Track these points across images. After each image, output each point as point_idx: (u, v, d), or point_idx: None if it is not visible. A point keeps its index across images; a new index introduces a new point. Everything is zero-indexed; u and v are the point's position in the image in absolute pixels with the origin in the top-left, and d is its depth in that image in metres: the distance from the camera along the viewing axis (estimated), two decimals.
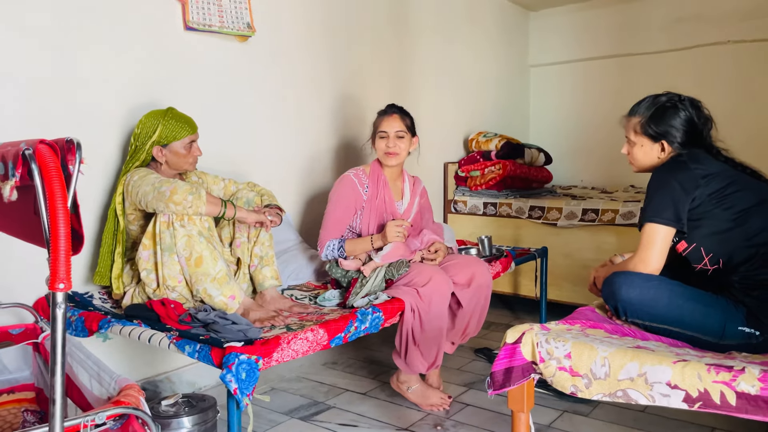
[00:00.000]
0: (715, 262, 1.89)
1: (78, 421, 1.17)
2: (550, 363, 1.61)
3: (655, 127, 1.99)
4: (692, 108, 1.99)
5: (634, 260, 1.92)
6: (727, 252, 1.86)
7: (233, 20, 2.76)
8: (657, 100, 2.02)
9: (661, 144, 2.00)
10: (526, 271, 3.80)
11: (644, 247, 1.90)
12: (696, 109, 1.99)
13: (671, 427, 2.31)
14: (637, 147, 2.06)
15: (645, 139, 2.03)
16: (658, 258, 1.89)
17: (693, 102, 2.00)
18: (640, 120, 2.03)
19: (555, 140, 5.05)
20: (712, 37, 4.35)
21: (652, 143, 2.02)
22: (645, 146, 2.03)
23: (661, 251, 1.89)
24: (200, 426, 1.96)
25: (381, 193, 2.64)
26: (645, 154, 2.05)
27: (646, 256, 1.89)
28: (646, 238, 1.90)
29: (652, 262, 1.89)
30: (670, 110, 1.99)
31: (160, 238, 2.11)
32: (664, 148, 2.00)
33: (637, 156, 2.07)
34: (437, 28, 4.13)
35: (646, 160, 2.06)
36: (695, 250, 1.92)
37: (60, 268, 0.96)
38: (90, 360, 1.59)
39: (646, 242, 1.90)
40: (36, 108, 2.19)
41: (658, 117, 1.99)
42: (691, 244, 1.92)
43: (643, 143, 2.03)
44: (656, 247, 1.88)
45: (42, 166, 0.99)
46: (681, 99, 2.00)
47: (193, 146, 2.33)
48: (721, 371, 1.38)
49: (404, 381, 2.50)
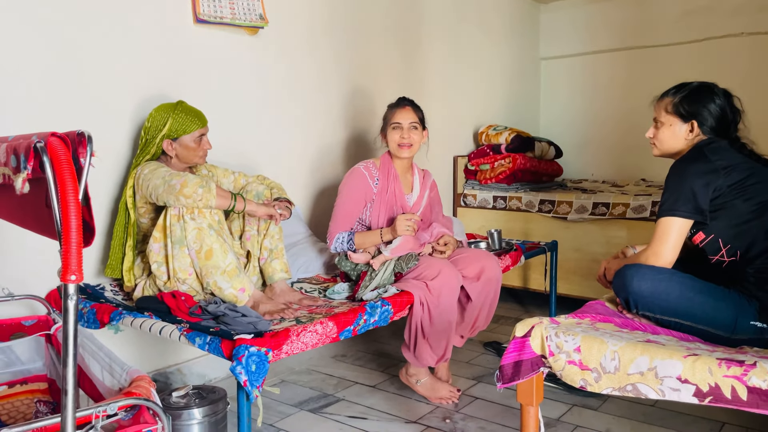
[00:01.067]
0: (732, 253, 1.88)
1: (90, 411, 1.18)
2: (560, 357, 1.61)
3: (688, 106, 1.99)
4: (725, 97, 1.98)
5: (647, 253, 1.91)
6: (745, 244, 1.85)
7: (245, 12, 2.76)
8: (691, 84, 2.03)
9: (691, 124, 1.99)
10: (536, 265, 3.78)
11: (658, 240, 1.89)
12: (728, 99, 1.98)
13: (681, 422, 2.30)
14: (665, 128, 2.04)
15: (675, 118, 2.01)
16: (672, 251, 1.87)
17: (726, 92, 2.00)
18: (672, 99, 2.03)
19: (565, 133, 5.02)
20: (725, 29, 4.30)
21: (682, 123, 2.00)
22: (674, 126, 2.02)
23: (675, 245, 1.87)
24: (210, 417, 1.97)
25: (391, 186, 2.64)
26: (672, 134, 2.03)
27: (660, 249, 1.88)
28: (660, 230, 1.89)
29: (665, 256, 1.87)
30: (704, 93, 1.99)
31: (170, 231, 2.12)
32: (693, 128, 1.99)
33: (664, 137, 2.04)
34: (447, 21, 4.11)
35: (672, 141, 2.03)
36: (713, 242, 1.90)
37: (72, 260, 0.97)
38: (102, 351, 1.60)
39: (660, 235, 1.89)
40: (47, 101, 2.20)
41: (692, 98, 1.99)
42: (708, 235, 1.90)
43: (673, 123, 2.02)
44: (670, 240, 1.87)
45: (53, 159, 0.99)
46: (716, 86, 2.01)
47: (203, 140, 2.34)
48: (732, 366, 1.37)
49: (413, 374, 2.51)
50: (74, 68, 2.27)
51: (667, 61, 4.55)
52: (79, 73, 2.28)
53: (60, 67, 2.23)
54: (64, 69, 2.24)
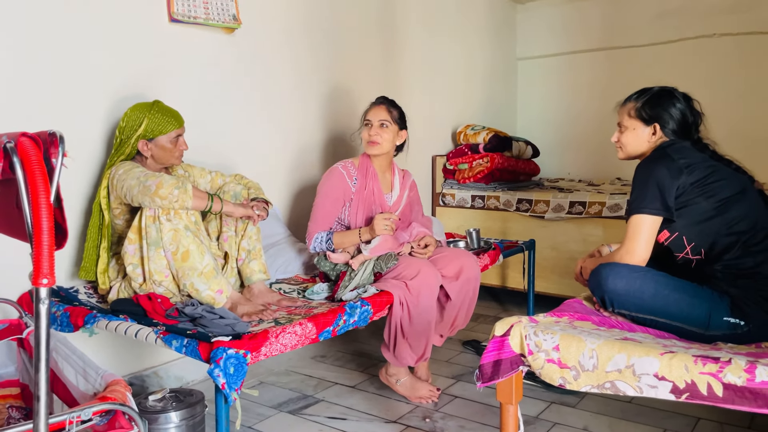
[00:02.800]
0: (696, 251, 1.92)
1: (63, 417, 1.16)
2: (539, 355, 1.62)
3: (650, 110, 2.05)
4: (685, 100, 2.05)
5: (621, 252, 1.94)
6: (708, 241, 1.89)
7: (219, 12, 2.73)
8: (652, 89, 2.09)
9: (653, 127, 2.04)
10: (514, 264, 3.81)
11: (630, 238, 1.93)
12: (688, 102, 2.05)
13: (658, 417, 2.33)
14: (628, 131, 2.10)
15: (638, 122, 2.07)
16: (645, 249, 1.91)
17: (686, 95, 2.06)
18: (635, 104, 2.09)
19: (542, 133, 5.06)
20: (697, 30, 4.37)
21: (644, 126, 2.06)
22: (637, 129, 2.07)
23: (647, 242, 1.91)
24: (188, 421, 1.95)
25: (370, 185, 2.63)
26: (636, 137, 2.08)
27: (633, 246, 1.91)
28: (632, 229, 1.93)
29: (638, 253, 1.91)
30: (665, 97, 2.05)
31: (146, 233, 2.09)
32: (655, 131, 2.04)
33: (628, 140, 2.10)
34: (425, 21, 4.12)
35: (636, 144, 2.09)
36: (677, 239, 1.94)
37: (43, 263, 0.95)
38: (75, 355, 1.57)
39: (632, 233, 1.93)
40: (17, 100, 2.15)
41: (653, 102, 2.06)
42: (673, 233, 1.94)
43: (636, 126, 2.08)
44: (642, 237, 1.91)
45: (24, 160, 0.97)
46: (676, 90, 2.07)
47: (179, 140, 2.31)
48: (708, 363, 1.39)
49: (393, 374, 2.51)
50: (45, 66, 2.22)
51: (642, 61, 4.61)
52: (50, 71, 2.23)
53: (31, 66, 2.18)
54: (35, 67, 2.19)
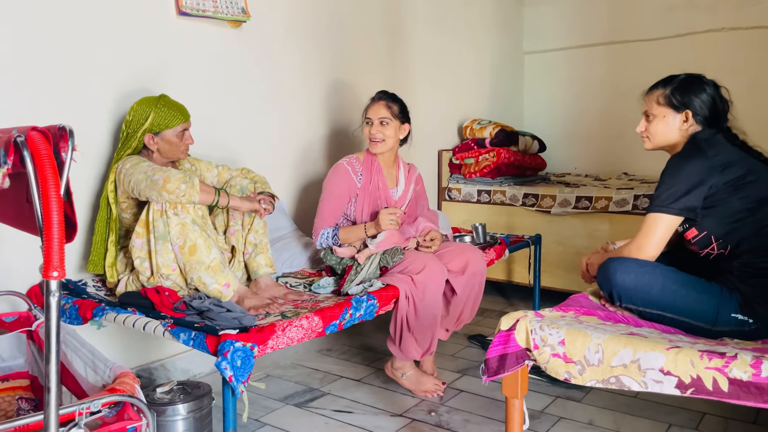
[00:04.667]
0: (722, 248, 1.88)
1: (73, 408, 1.17)
2: (544, 350, 1.62)
3: (680, 96, 1.97)
4: (714, 87, 1.98)
5: (631, 246, 1.92)
6: (736, 240, 1.85)
7: (227, 5, 2.73)
8: (680, 76, 2.01)
9: (685, 114, 1.96)
10: (520, 259, 3.81)
11: (644, 235, 1.90)
12: (717, 89, 1.98)
13: (663, 412, 2.33)
14: (657, 120, 2.01)
15: (668, 109, 1.99)
16: (656, 247, 1.88)
17: (714, 82, 1.99)
18: (664, 91, 2.00)
19: (549, 128, 5.05)
20: (705, 24, 4.34)
21: (675, 113, 1.98)
22: (667, 117, 1.99)
23: (660, 241, 1.88)
24: (195, 413, 1.96)
25: (375, 180, 2.63)
26: (666, 126, 2.00)
27: (645, 243, 1.89)
28: (647, 225, 1.89)
29: (649, 250, 1.88)
30: (695, 83, 1.97)
31: (153, 227, 2.10)
32: (687, 118, 1.97)
33: (657, 129, 2.01)
34: (432, 15, 4.11)
35: (666, 133, 2.01)
36: (705, 238, 1.90)
37: (53, 256, 0.96)
38: (84, 348, 1.59)
39: (646, 229, 1.89)
40: (27, 95, 2.17)
41: (683, 88, 1.97)
42: (701, 231, 1.90)
43: (666, 114, 1.99)
44: (656, 236, 1.88)
45: (34, 154, 0.98)
46: (704, 77, 2.00)
47: (185, 135, 2.32)
48: (714, 358, 1.39)
49: (399, 367, 2.52)
50: (54, 61, 2.23)
51: (649, 55, 4.59)
52: (59, 65, 2.24)
53: (40, 61, 2.19)
54: (44, 62, 2.20)
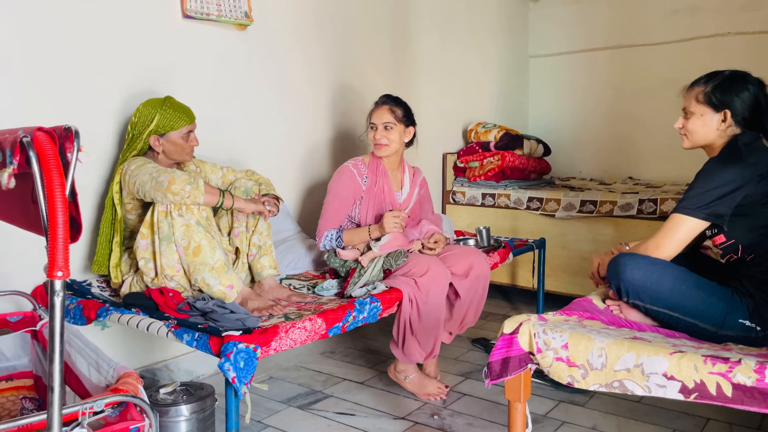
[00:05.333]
0: (747, 253, 1.85)
1: (76, 408, 1.17)
2: (547, 353, 1.62)
3: (720, 95, 1.90)
4: (758, 86, 1.90)
5: (649, 243, 1.89)
6: (763, 248, 1.82)
7: (231, 9, 2.75)
8: (724, 72, 1.95)
9: (723, 114, 1.90)
10: (524, 262, 3.80)
11: (665, 234, 1.86)
12: (762, 88, 1.91)
13: (667, 417, 2.32)
14: (695, 117, 1.95)
15: (707, 108, 1.92)
16: (675, 248, 1.85)
17: (760, 81, 1.92)
18: (704, 89, 1.93)
19: (554, 131, 5.04)
20: (711, 28, 4.33)
21: (713, 113, 1.91)
22: (705, 116, 1.92)
23: (680, 242, 1.85)
24: (198, 414, 1.97)
25: (380, 183, 2.64)
26: (704, 125, 1.93)
27: (664, 242, 1.86)
28: (670, 224, 1.86)
29: (667, 250, 1.85)
30: (738, 82, 1.90)
31: (158, 228, 2.11)
32: (725, 118, 1.90)
33: (695, 128, 1.95)
34: (437, 18, 4.11)
35: (703, 132, 1.94)
36: (732, 245, 1.87)
37: (58, 256, 0.96)
38: (88, 348, 1.59)
39: (668, 229, 1.86)
40: (33, 95, 2.18)
41: (724, 86, 1.90)
42: (730, 239, 1.86)
43: (704, 112, 1.92)
44: (677, 237, 1.84)
45: (40, 154, 0.99)
46: (749, 75, 1.93)
47: (190, 136, 2.32)
48: (718, 363, 1.39)
49: (401, 370, 2.51)
50: (60, 62, 2.24)
51: (655, 59, 4.58)
52: (65, 67, 2.26)
53: (46, 62, 2.20)
54: (51, 63, 2.22)
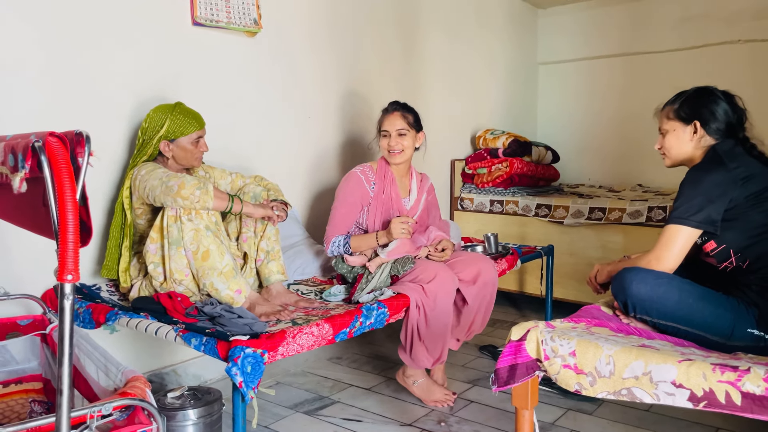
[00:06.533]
0: (740, 261, 1.87)
1: (84, 411, 1.18)
2: (555, 361, 1.61)
3: (688, 109, 1.98)
4: (726, 97, 1.97)
5: (650, 257, 1.89)
6: (756, 253, 1.83)
7: (240, 16, 2.77)
8: (689, 90, 2.02)
9: (693, 125, 1.96)
10: (532, 269, 3.79)
11: (663, 246, 1.87)
12: (729, 99, 1.97)
13: (676, 426, 2.30)
14: (669, 134, 2.02)
15: (678, 123, 2.00)
16: (675, 259, 1.86)
17: (726, 93, 1.99)
18: (673, 107, 2.02)
19: (563, 138, 5.04)
20: (722, 36, 4.32)
21: (684, 126, 1.99)
22: (677, 130, 2.00)
23: (679, 253, 1.86)
24: (205, 419, 1.97)
25: (388, 190, 2.64)
26: (677, 139, 2.00)
27: (663, 254, 1.87)
28: (667, 236, 1.87)
29: (668, 263, 1.86)
30: (703, 96, 1.98)
31: (167, 232, 2.12)
32: (696, 129, 1.96)
33: (670, 144, 2.03)
34: (445, 25, 4.12)
35: (678, 146, 2.01)
36: (724, 251, 1.88)
37: (68, 260, 0.97)
38: (97, 351, 1.60)
39: (666, 241, 1.87)
40: (45, 101, 2.20)
41: (691, 101, 1.99)
42: (720, 245, 1.88)
43: (676, 127, 2.00)
44: (675, 248, 1.86)
45: (51, 159, 1.00)
46: (714, 88, 1.99)
47: (200, 142, 2.34)
48: (727, 371, 1.38)
49: (410, 375, 2.51)
50: (72, 68, 2.27)
51: (664, 67, 4.57)
52: (76, 73, 2.28)
53: (58, 68, 2.23)
54: (62, 69, 2.24)
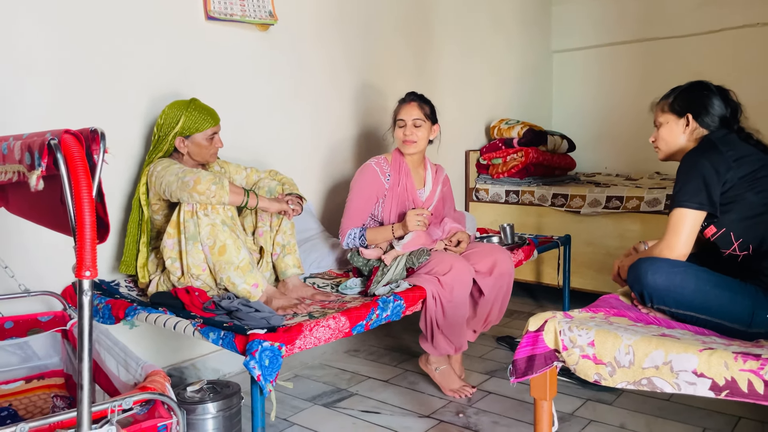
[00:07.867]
0: (744, 247, 1.87)
1: (105, 406, 1.19)
2: (573, 351, 1.60)
3: (681, 102, 2.02)
4: (719, 92, 2.00)
5: (661, 246, 1.89)
6: (758, 237, 1.83)
7: (255, 9, 2.76)
8: (682, 85, 2.07)
9: (686, 118, 2.00)
10: (549, 259, 3.77)
11: (671, 233, 1.87)
12: (723, 94, 1.99)
13: (697, 416, 2.28)
14: (663, 127, 2.07)
15: (671, 115, 2.04)
16: (686, 243, 1.86)
17: (720, 87, 2.01)
18: (667, 101, 2.07)
19: (578, 127, 4.98)
20: (740, 19, 4.24)
21: (677, 118, 2.03)
22: (671, 123, 2.04)
23: (688, 237, 1.86)
24: (225, 412, 1.99)
25: (403, 182, 2.63)
26: (670, 131, 2.05)
27: (673, 241, 1.86)
28: (673, 222, 1.88)
29: (679, 248, 1.86)
30: (697, 90, 2.02)
31: (184, 227, 2.13)
32: (688, 122, 2.00)
33: (663, 135, 2.07)
34: (458, 14, 4.09)
35: (671, 138, 2.05)
36: (724, 235, 1.89)
37: (86, 256, 0.98)
38: (117, 346, 1.61)
39: (673, 227, 1.87)
40: (60, 99, 2.22)
41: (684, 94, 2.04)
42: (720, 228, 1.89)
43: (669, 120, 2.05)
44: (684, 232, 1.85)
45: (67, 156, 1.00)
46: (708, 83, 2.03)
47: (215, 138, 2.35)
48: (749, 359, 1.36)
49: (433, 362, 2.54)
50: (87, 65, 2.28)
51: (681, 52, 4.50)
52: (91, 70, 2.29)
53: (73, 65, 2.24)
54: (77, 66, 2.26)
